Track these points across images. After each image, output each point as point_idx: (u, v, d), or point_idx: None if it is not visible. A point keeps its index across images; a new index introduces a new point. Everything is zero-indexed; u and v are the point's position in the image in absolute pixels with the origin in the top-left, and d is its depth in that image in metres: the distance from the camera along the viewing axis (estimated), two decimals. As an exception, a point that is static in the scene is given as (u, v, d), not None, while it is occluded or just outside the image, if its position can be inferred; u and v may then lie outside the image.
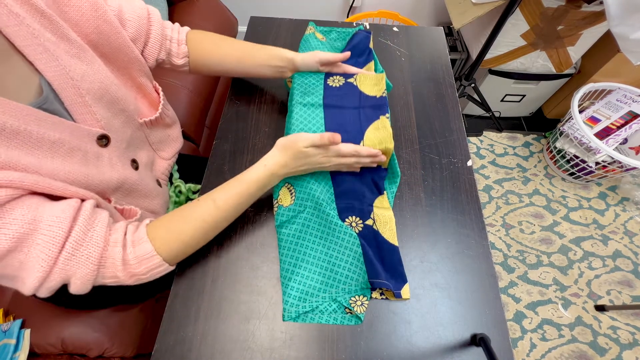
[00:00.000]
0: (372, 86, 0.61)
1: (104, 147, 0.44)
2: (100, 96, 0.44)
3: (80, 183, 0.39)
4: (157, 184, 0.58)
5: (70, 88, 0.40)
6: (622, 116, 1.33)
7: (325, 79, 0.62)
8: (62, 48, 0.39)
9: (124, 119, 0.49)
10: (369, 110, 0.58)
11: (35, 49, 0.36)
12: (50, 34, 0.38)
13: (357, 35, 0.71)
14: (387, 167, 0.58)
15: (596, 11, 1.10)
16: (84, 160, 0.41)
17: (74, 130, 0.40)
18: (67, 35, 0.40)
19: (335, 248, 0.51)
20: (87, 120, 0.42)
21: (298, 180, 0.56)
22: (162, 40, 0.55)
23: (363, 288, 0.49)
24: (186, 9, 1.18)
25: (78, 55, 0.41)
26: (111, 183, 0.45)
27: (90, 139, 0.42)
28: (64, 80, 0.39)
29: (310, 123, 0.56)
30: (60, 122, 0.38)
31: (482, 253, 0.53)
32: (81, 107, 0.41)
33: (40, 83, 0.38)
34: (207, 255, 0.52)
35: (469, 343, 0.47)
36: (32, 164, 0.34)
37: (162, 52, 0.56)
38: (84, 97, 0.41)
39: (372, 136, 0.54)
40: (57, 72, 0.38)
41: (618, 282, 1.28)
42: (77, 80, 0.40)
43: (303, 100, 0.59)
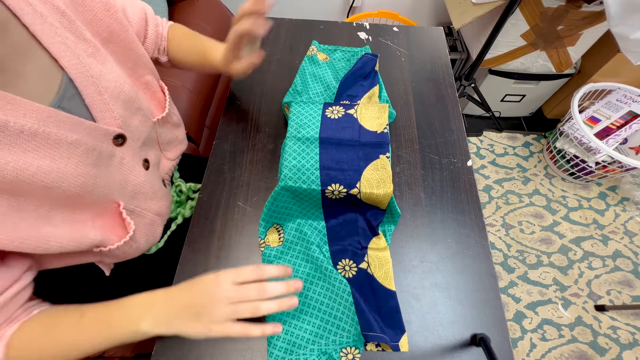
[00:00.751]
0: (373, 119, 0.57)
1: (119, 146, 0.44)
2: (116, 95, 0.44)
3: (87, 186, 0.39)
4: (163, 184, 0.58)
5: (91, 86, 0.40)
6: (622, 116, 1.33)
7: (324, 110, 0.59)
8: (80, 47, 0.40)
9: (140, 117, 0.49)
10: (368, 148, 0.54)
11: (59, 47, 0.37)
12: (70, 34, 0.39)
13: (364, 58, 0.70)
14: (385, 209, 0.54)
15: (596, 11, 1.10)
16: (97, 161, 0.40)
17: (93, 130, 0.39)
18: (83, 35, 0.40)
19: (326, 295, 0.48)
20: (106, 118, 0.42)
21: (286, 221, 0.53)
22: (156, 39, 0.56)
23: (355, 340, 0.46)
24: (186, 9, 1.18)
25: (94, 55, 0.42)
26: (119, 184, 0.44)
27: (107, 138, 0.42)
28: (85, 77, 0.39)
29: (304, 159, 0.53)
30: (79, 122, 0.38)
31: (482, 253, 0.53)
32: (101, 104, 0.41)
33: (62, 80, 0.38)
34: (207, 255, 0.52)
35: (469, 343, 0.47)
36: (45, 166, 0.34)
37: (155, 50, 0.57)
38: (102, 95, 0.41)
39: (370, 177, 0.51)
40: (79, 70, 0.39)
41: (618, 282, 1.28)
42: (96, 79, 0.41)
43: (298, 133, 0.56)
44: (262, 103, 0.68)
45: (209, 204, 0.56)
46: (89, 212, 0.42)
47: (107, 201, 0.44)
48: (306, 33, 0.80)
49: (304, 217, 0.54)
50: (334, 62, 0.74)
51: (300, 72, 0.71)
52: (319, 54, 0.74)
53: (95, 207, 0.43)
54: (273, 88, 0.70)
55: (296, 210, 0.55)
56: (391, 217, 0.55)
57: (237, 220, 0.54)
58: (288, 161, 0.54)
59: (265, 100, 0.68)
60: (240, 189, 0.58)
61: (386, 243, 0.53)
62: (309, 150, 0.55)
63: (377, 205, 0.53)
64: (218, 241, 0.53)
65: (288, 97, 0.66)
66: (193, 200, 0.67)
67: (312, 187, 0.52)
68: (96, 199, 0.41)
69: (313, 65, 0.72)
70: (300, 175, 0.52)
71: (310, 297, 0.49)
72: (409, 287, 0.50)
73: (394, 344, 0.45)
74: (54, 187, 0.35)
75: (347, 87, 0.67)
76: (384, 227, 0.55)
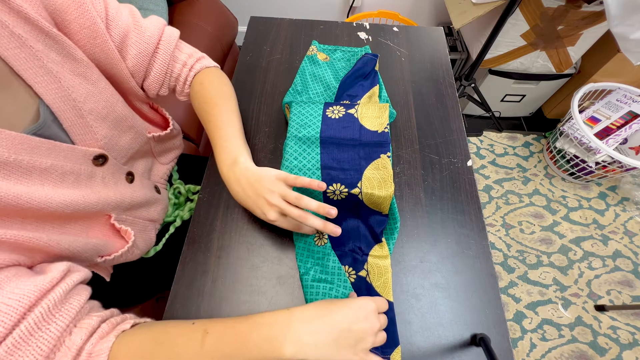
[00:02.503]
0: (374, 119, 0.57)
1: (99, 166, 0.43)
2: (104, 115, 0.43)
3: (68, 205, 0.37)
4: (156, 190, 0.58)
5: (71, 110, 0.38)
6: (622, 116, 1.33)
7: (325, 109, 0.59)
8: (67, 67, 0.38)
9: (132, 135, 0.48)
10: (369, 148, 0.54)
11: (36, 72, 0.35)
12: (55, 54, 0.37)
13: (364, 58, 0.70)
14: (388, 213, 0.53)
15: (596, 11, 1.10)
16: (75, 183, 0.39)
17: (69, 153, 0.38)
18: (73, 54, 0.38)
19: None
20: (86, 140, 0.41)
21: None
22: (165, 78, 0.52)
23: None
24: (186, 9, 1.18)
25: (84, 74, 0.40)
26: (109, 200, 0.44)
27: (85, 160, 0.41)
28: (64, 102, 0.38)
29: (305, 159, 0.53)
30: (54, 147, 0.36)
31: (482, 253, 0.53)
32: (81, 128, 0.40)
33: (39, 107, 0.36)
34: (207, 255, 0.52)
35: (469, 343, 0.47)
36: (23, 193, 0.32)
37: (163, 89, 0.53)
38: (85, 117, 0.40)
39: (372, 176, 0.51)
40: (57, 95, 0.37)
41: (618, 282, 1.28)
42: (80, 102, 0.39)
43: (299, 133, 0.56)
44: (262, 103, 0.68)
45: (209, 204, 0.56)
46: (80, 224, 0.41)
47: (97, 215, 0.43)
48: (306, 33, 0.80)
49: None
50: (334, 62, 0.74)
51: (300, 72, 0.71)
52: (319, 54, 0.74)
53: (86, 221, 0.42)
54: (273, 88, 0.70)
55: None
56: (393, 222, 0.54)
57: (237, 220, 0.54)
58: (289, 161, 0.54)
59: (265, 100, 0.68)
60: (240, 189, 0.58)
61: (388, 251, 0.52)
62: (309, 150, 0.55)
63: (379, 209, 0.53)
64: (218, 241, 0.53)
65: (288, 97, 0.66)
66: (192, 202, 0.67)
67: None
68: (84, 214, 0.41)
69: (313, 65, 0.72)
70: (302, 175, 0.52)
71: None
72: (409, 287, 0.50)
73: (385, 357, 0.44)
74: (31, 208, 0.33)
75: (347, 87, 0.67)
76: (387, 235, 0.54)
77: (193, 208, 0.65)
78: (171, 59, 0.51)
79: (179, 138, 0.65)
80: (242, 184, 0.46)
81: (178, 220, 0.63)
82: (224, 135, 0.50)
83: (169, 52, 0.50)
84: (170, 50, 0.50)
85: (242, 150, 0.49)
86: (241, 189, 0.46)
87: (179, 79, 0.54)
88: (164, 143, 0.59)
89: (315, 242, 0.52)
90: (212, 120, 0.52)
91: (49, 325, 0.31)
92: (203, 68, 0.55)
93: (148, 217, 0.55)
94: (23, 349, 0.29)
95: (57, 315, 0.32)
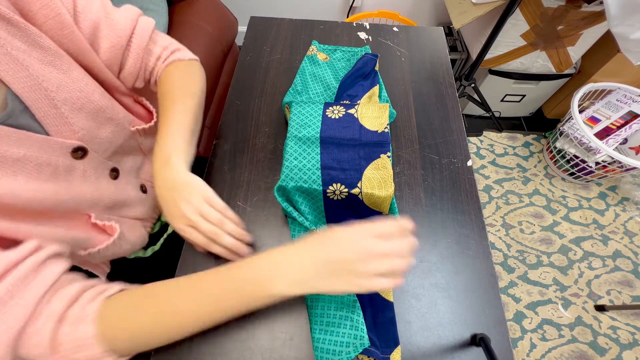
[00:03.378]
0: (374, 119, 0.57)
1: (79, 159, 0.41)
2: (80, 106, 0.41)
3: (49, 201, 0.36)
4: (141, 189, 0.56)
5: (44, 99, 0.37)
6: (622, 116, 1.33)
7: (325, 109, 0.59)
8: (34, 56, 0.36)
9: (113, 127, 0.46)
10: (369, 148, 0.54)
11: (0, 59, 0.33)
12: (20, 42, 0.35)
13: (364, 58, 0.70)
14: (388, 213, 0.54)
15: (596, 11, 1.10)
16: (53, 176, 0.38)
17: (43, 144, 0.36)
18: (39, 43, 0.36)
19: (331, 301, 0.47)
20: (62, 132, 0.39)
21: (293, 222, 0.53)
22: (139, 71, 0.50)
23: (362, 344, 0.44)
24: (186, 9, 1.18)
25: (53, 63, 0.38)
26: (85, 197, 0.42)
27: (63, 152, 0.39)
28: (35, 91, 0.36)
29: (305, 159, 0.53)
30: (26, 137, 0.35)
31: (482, 253, 0.53)
32: (55, 118, 0.38)
33: (6, 96, 0.34)
34: (207, 255, 0.52)
35: (469, 343, 0.47)
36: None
37: (138, 81, 0.51)
38: (59, 108, 0.38)
39: (372, 176, 0.51)
40: (26, 84, 0.35)
41: (618, 282, 1.28)
42: (52, 91, 0.37)
43: (299, 133, 0.56)
44: (262, 103, 0.68)
45: (209, 204, 0.56)
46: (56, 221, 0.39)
47: (75, 214, 0.42)
48: (306, 33, 0.80)
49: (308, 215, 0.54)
50: (334, 62, 0.74)
51: (300, 72, 0.71)
52: (319, 54, 0.74)
53: (64, 220, 0.41)
54: (273, 88, 0.70)
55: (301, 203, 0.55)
56: None
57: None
58: (289, 161, 0.54)
59: (265, 100, 0.68)
60: (240, 189, 0.58)
61: None
62: (310, 150, 0.55)
63: (379, 209, 0.53)
64: (218, 241, 0.53)
65: (288, 97, 0.66)
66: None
67: (314, 187, 0.52)
68: (62, 212, 0.40)
69: (313, 65, 0.72)
70: (302, 175, 0.52)
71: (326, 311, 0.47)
72: (409, 287, 0.50)
73: (385, 357, 0.44)
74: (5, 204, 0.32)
75: (347, 87, 0.67)
76: None
77: (193, 208, 0.65)
78: (145, 53, 0.49)
79: None
80: (166, 185, 0.45)
81: (177, 220, 0.63)
82: (168, 130, 0.48)
83: (143, 46, 0.48)
84: (144, 43, 0.48)
85: (178, 149, 0.46)
86: (165, 189, 0.45)
87: (152, 72, 0.52)
88: (151, 138, 0.57)
89: None
90: (164, 115, 0.50)
91: (23, 293, 0.31)
92: (175, 60, 0.53)
93: (134, 216, 0.53)
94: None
95: (31, 285, 0.32)
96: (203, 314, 0.37)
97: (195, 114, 0.51)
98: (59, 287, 0.34)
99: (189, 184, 0.45)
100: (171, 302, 0.36)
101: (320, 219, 0.55)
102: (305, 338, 0.47)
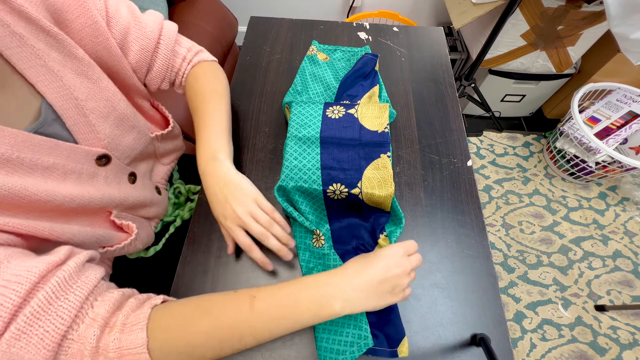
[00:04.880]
0: (374, 119, 0.57)
1: (102, 166, 0.43)
2: (106, 114, 0.42)
3: (67, 201, 0.37)
4: (157, 191, 0.58)
5: (74, 108, 0.39)
6: (622, 116, 1.33)
7: (325, 109, 0.59)
8: (68, 67, 0.38)
9: (135, 134, 0.48)
10: (369, 148, 0.54)
11: (38, 71, 0.35)
12: (57, 53, 0.37)
13: (364, 58, 0.70)
14: (390, 212, 0.54)
15: (596, 11, 1.10)
16: (77, 182, 0.39)
17: (71, 152, 0.38)
18: (74, 53, 0.38)
19: None
20: (89, 140, 0.41)
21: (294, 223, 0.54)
22: (167, 72, 0.52)
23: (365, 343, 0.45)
24: (186, 9, 1.18)
25: (85, 73, 0.40)
26: (112, 198, 0.44)
27: (88, 160, 0.41)
28: (66, 100, 0.38)
29: (305, 160, 0.54)
30: (56, 145, 0.36)
31: (482, 253, 0.53)
32: (84, 126, 0.40)
33: (41, 105, 0.36)
34: (207, 255, 0.52)
35: (469, 343, 0.47)
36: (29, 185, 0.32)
37: (164, 83, 0.53)
38: (87, 116, 0.40)
39: (372, 176, 0.51)
40: (60, 93, 0.37)
41: (618, 282, 1.28)
42: (82, 100, 0.39)
43: (299, 133, 0.56)
44: (262, 103, 0.68)
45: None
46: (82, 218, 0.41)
47: (100, 210, 0.44)
48: (306, 33, 0.80)
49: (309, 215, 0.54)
50: (334, 62, 0.74)
51: (300, 72, 0.71)
52: (319, 54, 0.74)
53: (89, 216, 0.42)
54: (273, 88, 0.70)
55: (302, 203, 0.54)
56: (397, 219, 0.54)
57: (237, 220, 0.54)
58: (289, 161, 0.54)
59: (265, 100, 0.68)
60: (240, 189, 0.58)
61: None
62: (310, 150, 0.55)
63: (381, 207, 0.53)
64: (218, 241, 0.53)
65: (288, 97, 0.66)
66: (192, 202, 0.67)
67: (314, 187, 0.52)
68: (88, 209, 0.41)
69: (313, 65, 0.72)
70: (302, 175, 0.52)
71: None
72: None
73: (393, 350, 0.44)
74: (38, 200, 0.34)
75: (347, 87, 0.67)
76: (390, 228, 0.54)
77: (193, 208, 0.65)
78: (172, 54, 0.51)
79: (180, 139, 0.66)
80: (218, 182, 0.46)
81: (178, 220, 0.63)
82: (208, 129, 0.50)
83: (170, 47, 0.50)
84: (171, 45, 0.50)
85: (223, 147, 0.49)
86: (216, 186, 0.46)
87: (178, 73, 0.54)
88: (166, 143, 0.59)
89: (314, 243, 0.53)
90: (200, 115, 0.52)
91: (68, 295, 0.30)
92: (200, 61, 0.55)
93: (146, 215, 0.55)
94: (43, 319, 0.28)
95: (75, 286, 0.31)
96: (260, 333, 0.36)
97: (229, 114, 0.54)
98: (99, 291, 0.33)
99: (239, 183, 0.47)
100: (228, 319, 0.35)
101: (322, 219, 0.55)
102: (305, 338, 0.47)
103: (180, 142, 0.65)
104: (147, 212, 0.54)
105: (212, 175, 0.47)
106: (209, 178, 0.47)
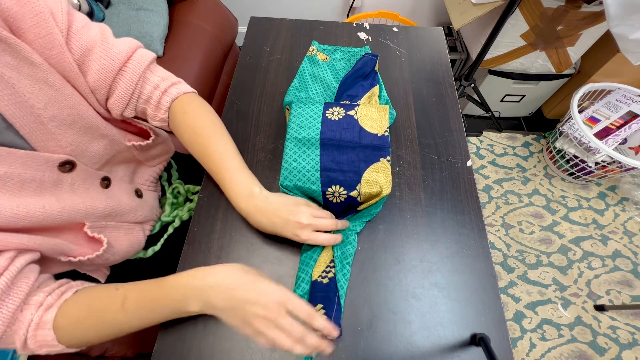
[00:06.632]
0: (374, 122, 0.56)
1: (67, 172, 0.41)
2: (70, 122, 0.41)
3: (37, 216, 0.37)
4: (136, 194, 0.55)
5: (28, 116, 0.37)
6: (622, 116, 1.33)
7: (324, 110, 0.59)
8: (24, 72, 0.36)
9: (106, 142, 0.46)
10: (369, 151, 0.54)
11: None
12: (10, 57, 0.35)
13: (364, 58, 0.70)
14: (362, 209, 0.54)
15: (596, 11, 1.10)
16: (38, 191, 0.38)
17: (28, 160, 0.37)
18: (29, 59, 0.36)
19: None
20: (49, 147, 0.39)
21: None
22: (131, 98, 0.47)
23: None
24: (186, 9, 1.18)
25: (45, 79, 0.38)
26: (77, 208, 0.42)
27: (49, 167, 0.39)
28: (19, 108, 0.36)
29: (305, 161, 0.54)
30: (8, 153, 0.35)
31: (481, 253, 0.53)
32: (41, 134, 0.38)
33: None
34: (207, 256, 0.52)
35: (469, 343, 0.47)
36: None
37: (128, 110, 0.49)
38: (45, 124, 0.38)
39: (370, 178, 0.51)
40: (10, 101, 0.35)
41: (618, 282, 1.29)
42: (39, 108, 0.37)
43: (299, 134, 0.56)
44: (262, 103, 0.68)
45: (209, 204, 0.56)
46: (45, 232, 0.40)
47: (68, 224, 0.42)
48: (306, 33, 0.80)
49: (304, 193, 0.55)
50: (334, 62, 0.74)
51: (300, 72, 0.71)
52: (319, 54, 0.74)
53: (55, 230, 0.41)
54: (273, 88, 0.70)
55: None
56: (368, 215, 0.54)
57: (237, 220, 0.54)
58: (288, 163, 0.54)
59: (265, 100, 0.68)
60: (241, 189, 0.58)
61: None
62: (309, 151, 0.55)
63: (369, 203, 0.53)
64: (218, 241, 0.53)
65: (288, 97, 0.66)
66: (192, 202, 0.67)
67: (313, 189, 0.52)
68: (53, 224, 0.40)
69: (313, 65, 0.72)
70: (301, 177, 0.53)
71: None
72: (408, 287, 0.50)
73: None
74: None
75: (347, 87, 0.67)
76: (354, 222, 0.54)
77: (192, 208, 0.65)
78: (140, 79, 0.47)
79: (167, 144, 0.62)
80: (265, 214, 0.48)
81: (177, 220, 0.63)
82: (229, 168, 0.50)
83: (138, 72, 0.46)
84: (140, 70, 0.46)
85: (254, 181, 0.51)
86: (266, 219, 0.48)
87: (149, 101, 0.50)
88: (148, 151, 0.57)
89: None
90: (209, 154, 0.51)
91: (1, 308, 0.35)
92: (180, 94, 0.51)
93: (133, 220, 0.53)
94: None
95: (7, 299, 0.36)
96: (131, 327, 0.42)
97: (234, 143, 0.54)
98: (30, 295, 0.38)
99: (285, 200, 0.49)
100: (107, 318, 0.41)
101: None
102: (305, 338, 0.47)
103: (166, 146, 0.62)
104: (134, 217, 0.53)
105: (260, 211, 0.49)
106: (258, 215, 0.49)
